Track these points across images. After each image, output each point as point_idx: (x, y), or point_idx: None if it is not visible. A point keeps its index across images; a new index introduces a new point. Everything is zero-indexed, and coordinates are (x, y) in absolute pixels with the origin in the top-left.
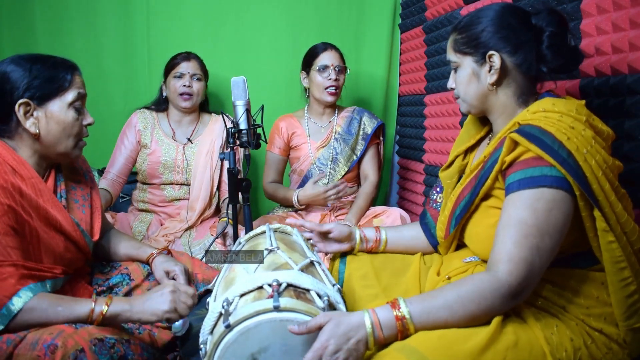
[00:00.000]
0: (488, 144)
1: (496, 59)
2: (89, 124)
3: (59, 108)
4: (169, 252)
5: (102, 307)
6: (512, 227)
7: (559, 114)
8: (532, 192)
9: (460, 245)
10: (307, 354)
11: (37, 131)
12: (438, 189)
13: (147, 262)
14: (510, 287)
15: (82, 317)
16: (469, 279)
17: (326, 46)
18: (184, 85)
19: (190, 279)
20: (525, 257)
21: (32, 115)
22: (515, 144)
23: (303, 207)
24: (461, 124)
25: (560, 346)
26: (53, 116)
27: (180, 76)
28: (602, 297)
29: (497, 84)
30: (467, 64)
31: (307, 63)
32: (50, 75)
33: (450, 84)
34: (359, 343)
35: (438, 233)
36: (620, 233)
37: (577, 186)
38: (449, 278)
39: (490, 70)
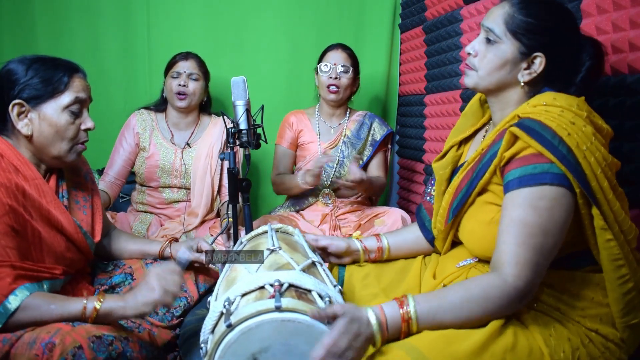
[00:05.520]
0: (484, 135)
1: (539, 62)
2: (88, 129)
3: (53, 110)
4: None
5: (94, 303)
6: (514, 227)
7: (560, 109)
8: (532, 190)
9: (456, 243)
10: (317, 349)
11: (29, 133)
12: (433, 182)
13: (160, 253)
14: (517, 290)
15: (75, 315)
16: (477, 282)
17: (334, 46)
18: (179, 85)
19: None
20: (530, 258)
21: (26, 116)
22: (515, 138)
23: (300, 199)
24: None
25: (558, 347)
26: (46, 118)
27: (177, 75)
28: (597, 298)
29: (527, 82)
30: (511, 47)
31: (318, 62)
32: (47, 77)
33: (473, 48)
34: (367, 341)
35: (438, 226)
36: (618, 231)
37: (576, 183)
38: (444, 286)
39: (528, 68)
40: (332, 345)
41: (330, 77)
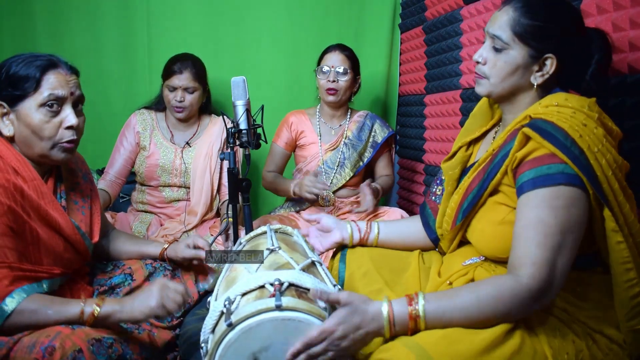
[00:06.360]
0: (494, 136)
1: (550, 63)
2: (70, 126)
3: (28, 109)
4: None
5: (92, 307)
6: (531, 228)
7: (572, 110)
8: (548, 190)
9: (462, 242)
10: (312, 331)
11: (10, 134)
12: (438, 181)
13: (161, 255)
14: (530, 291)
15: (73, 319)
16: (490, 283)
17: (332, 47)
18: (176, 100)
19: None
20: (548, 258)
21: (8, 117)
22: (527, 139)
23: (300, 200)
24: (461, 124)
25: (562, 349)
26: (21, 118)
27: (173, 90)
28: (603, 300)
29: (540, 84)
30: (520, 52)
31: (317, 64)
32: (20, 76)
33: (482, 56)
34: (367, 335)
35: (444, 226)
36: (628, 233)
37: (589, 185)
38: (450, 283)
39: (539, 71)
40: (328, 332)
41: (329, 81)
